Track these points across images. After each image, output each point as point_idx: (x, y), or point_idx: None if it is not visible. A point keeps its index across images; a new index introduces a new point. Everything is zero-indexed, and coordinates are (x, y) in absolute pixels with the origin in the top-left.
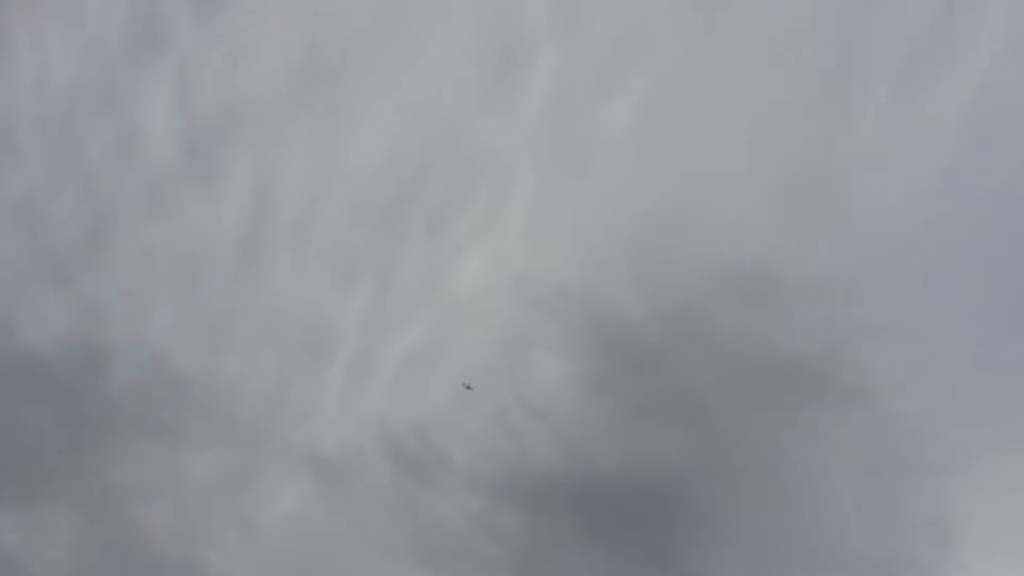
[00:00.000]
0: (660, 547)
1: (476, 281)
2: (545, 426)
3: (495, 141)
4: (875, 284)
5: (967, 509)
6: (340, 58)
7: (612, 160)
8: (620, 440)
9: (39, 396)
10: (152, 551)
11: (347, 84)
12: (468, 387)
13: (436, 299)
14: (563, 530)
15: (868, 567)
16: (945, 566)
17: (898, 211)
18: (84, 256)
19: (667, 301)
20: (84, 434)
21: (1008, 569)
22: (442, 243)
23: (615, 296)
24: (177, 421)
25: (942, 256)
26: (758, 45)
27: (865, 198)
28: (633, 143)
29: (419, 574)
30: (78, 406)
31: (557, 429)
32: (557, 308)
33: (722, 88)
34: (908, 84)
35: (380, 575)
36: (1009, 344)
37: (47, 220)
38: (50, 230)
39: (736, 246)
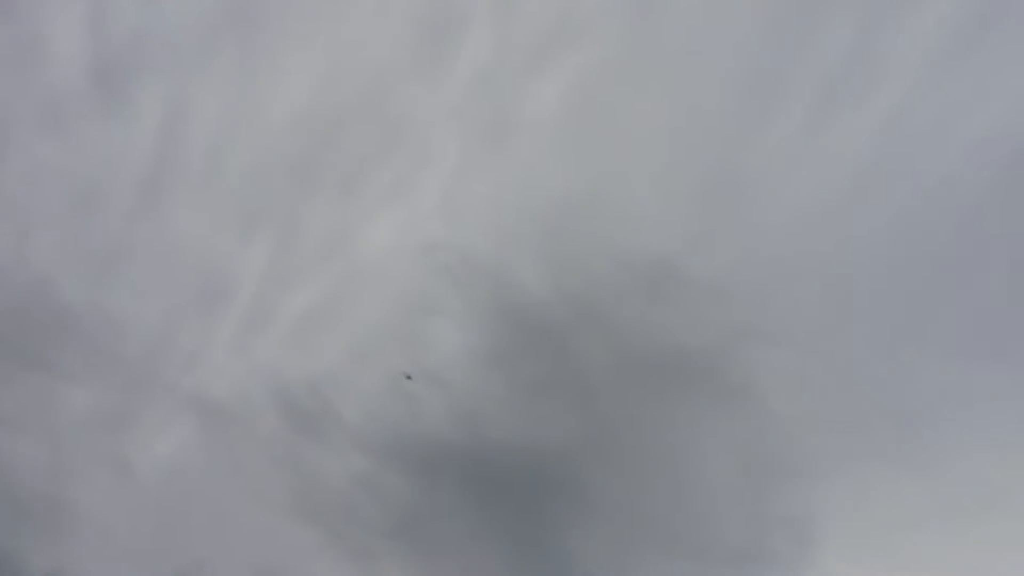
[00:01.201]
0: (538, 521)
1: (383, 245)
2: (439, 394)
3: (418, 107)
4: (767, 292)
5: (825, 511)
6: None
7: (534, 141)
8: (511, 414)
9: None
10: (17, 486)
11: (272, 28)
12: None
13: (341, 258)
14: (445, 498)
15: (731, 557)
16: (801, 562)
17: (798, 227)
18: None
19: (572, 285)
20: None
21: (857, 568)
22: (352, 203)
23: (522, 274)
24: (55, 352)
25: (832, 275)
26: (688, 48)
27: (769, 211)
28: (557, 127)
29: (296, 527)
30: None
31: (450, 398)
32: (463, 280)
33: (649, 84)
34: (823, 108)
35: (257, 525)
36: (877, 364)
37: None
38: None
39: (644, 239)
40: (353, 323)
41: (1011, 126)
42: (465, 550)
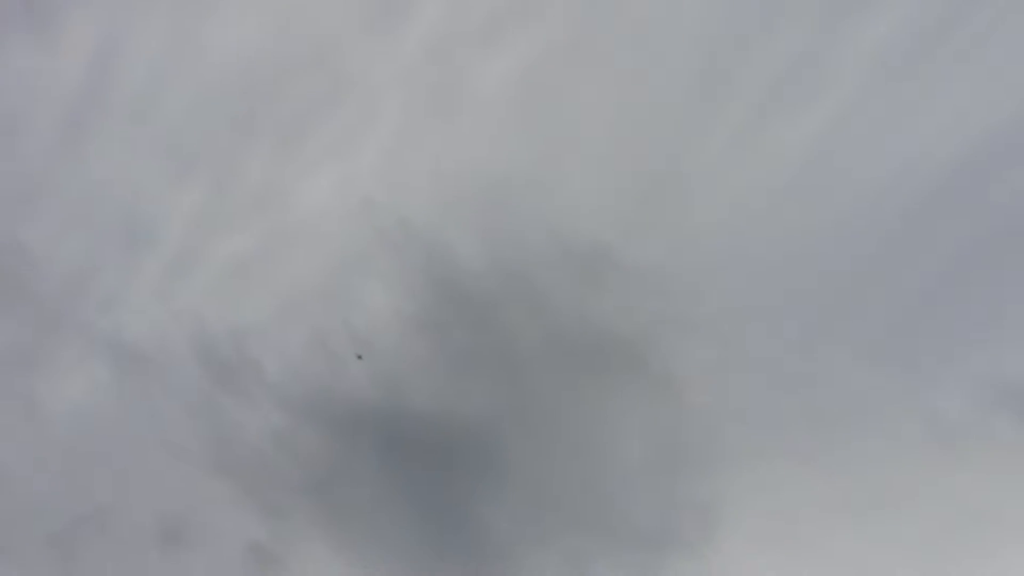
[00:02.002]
0: (454, 489)
1: (320, 201)
2: (364, 355)
3: (367, 67)
4: (697, 285)
5: (732, 500)
6: None
7: (480, 115)
8: (435, 382)
9: None
10: None
11: None
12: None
13: (274, 211)
14: (363, 460)
15: (639, 538)
16: (706, 547)
17: (733, 224)
18: None
19: (507, 261)
20: None
21: (759, 556)
22: (291, 156)
23: (458, 245)
24: None
25: (760, 274)
26: (640, 39)
27: (706, 206)
28: (504, 103)
29: (209, 480)
30: None
31: (376, 361)
32: (398, 244)
33: (599, 71)
34: (767, 109)
35: (167, 474)
36: (794, 363)
37: None
38: None
39: (582, 222)
40: (282, 278)
41: (945, 143)
42: (379, 513)
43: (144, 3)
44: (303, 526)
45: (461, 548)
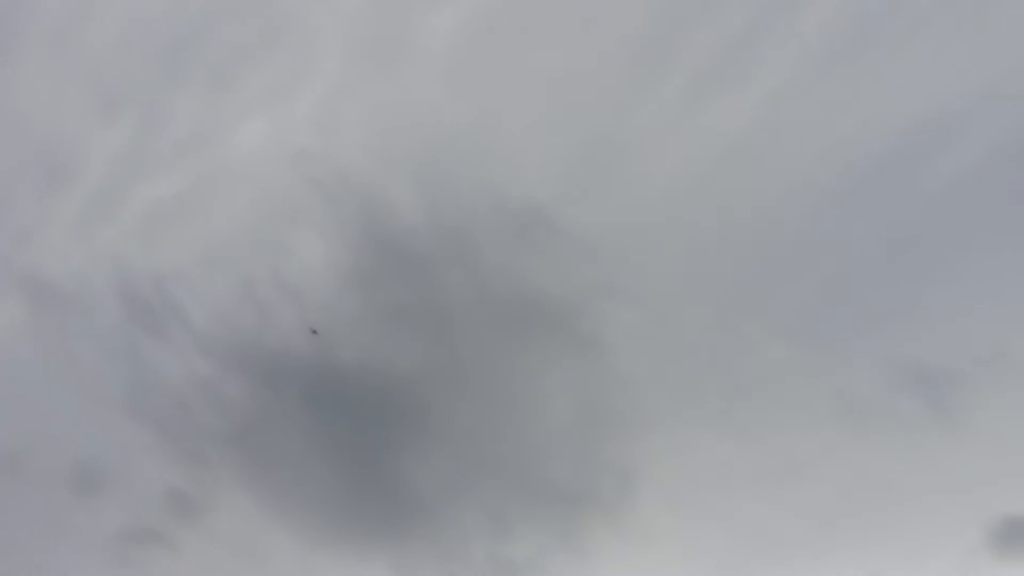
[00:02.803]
0: (380, 443)
1: (251, 148)
2: (294, 306)
3: (306, 11)
4: (629, 253)
5: (650, 464)
6: None
7: (422, 69)
8: (365, 336)
9: None
10: None
11: None
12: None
13: (205, 155)
14: (290, 411)
15: (558, 496)
16: (622, 507)
17: (666, 195)
18: None
19: (444, 218)
20: None
21: (672, 519)
22: (222, 98)
23: (395, 199)
24: None
25: (689, 246)
26: (586, 3)
27: (642, 176)
28: (447, 57)
29: (127, 425)
30: None
31: (306, 312)
32: (334, 195)
33: (544, 34)
34: (704, 87)
35: (84, 418)
36: (716, 335)
37: None
38: None
39: (520, 184)
40: (210, 224)
41: (874, 130)
42: (304, 464)
43: None
44: (225, 475)
45: (385, 501)
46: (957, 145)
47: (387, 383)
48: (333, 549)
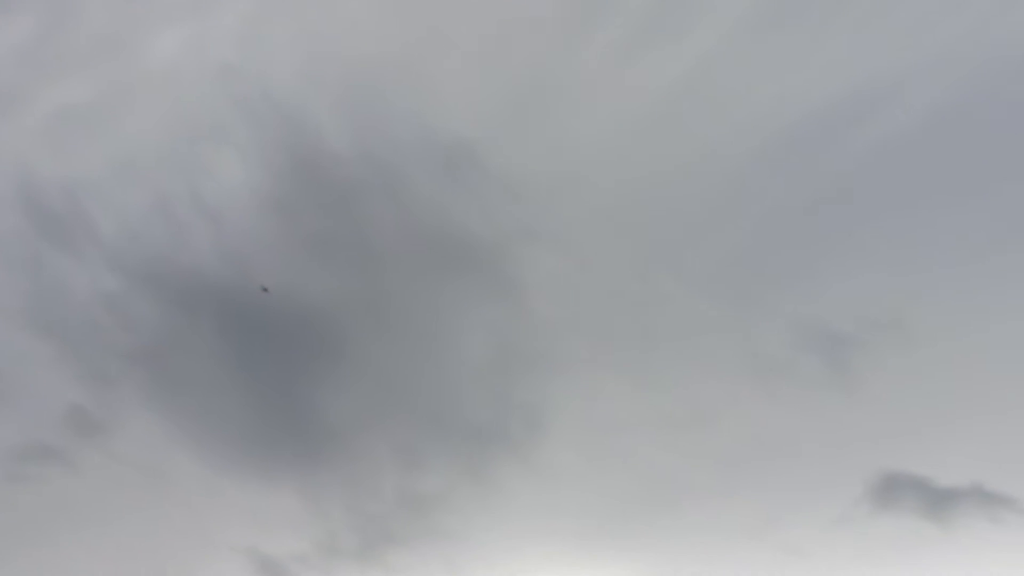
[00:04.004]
0: (293, 372)
1: (170, 58)
2: (211, 227)
3: None
4: (554, 199)
5: (558, 405)
6: None
7: None
8: (284, 263)
9: None
10: None
11: None
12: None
13: (117, 60)
14: (201, 334)
15: (469, 432)
16: (528, 444)
17: (595, 145)
18: None
19: (371, 147)
20: None
21: (576, 459)
22: (140, 4)
23: (321, 125)
24: None
25: (613, 196)
26: None
27: (573, 123)
28: None
29: (29, 338)
30: None
31: (223, 234)
32: (258, 115)
33: None
34: (638, 40)
35: None
36: (633, 284)
37: None
38: None
39: (451, 119)
40: (124, 134)
41: (797, 99)
42: (214, 388)
43: None
44: (130, 394)
45: (295, 429)
46: (877, 117)
47: (304, 312)
48: (239, 475)
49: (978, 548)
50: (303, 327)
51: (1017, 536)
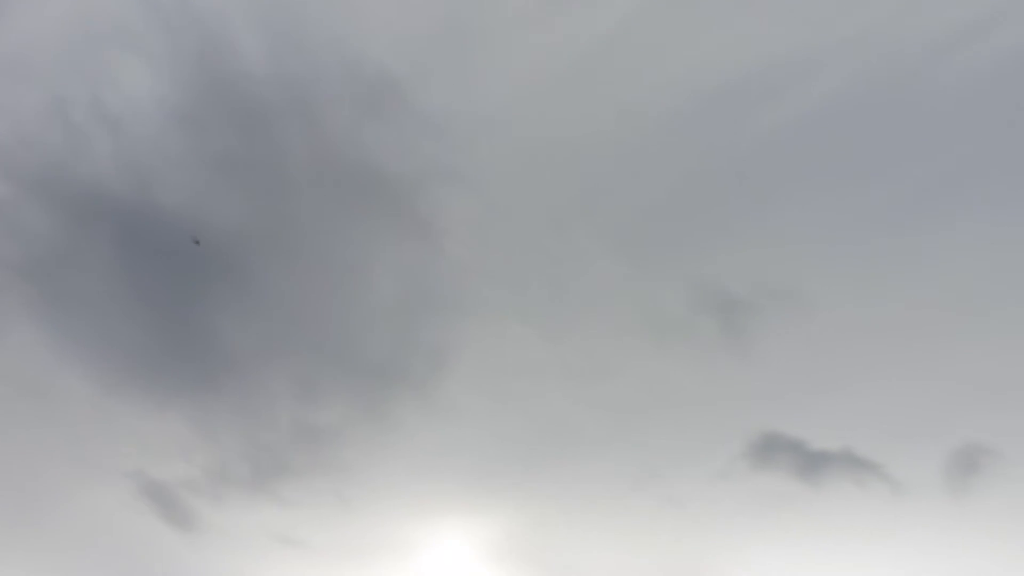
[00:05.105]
0: (191, 295)
1: None
2: (111, 137)
3: None
4: (475, 140)
5: (461, 348)
6: None
7: None
8: (189, 182)
9: None
10: None
11: None
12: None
13: None
14: (96, 250)
15: (371, 370)
16: (429, 384)
17: (517, 91)
18: None
19: (290, 70)
20: None
21: (474, 401)
22: None
23: (238, 39)
24: None
25: (535, 144)
26: None
27: (498, 66)
28: None
29: None
30: None
31: (124, 145)
32: (169, 21)
33: None
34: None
35: None
36: (548, 234)
37: None
38: None
39: (375, 49)
40: (15, 29)
41: (720, 65)
42: (105, 307)
43: None
44: (15, 308)
45: (191, 355)
46: (788, 93)
47: (207, 234)
48: (128, 396)
49: (844, 509)
50: (206, 250)
51: (880, 500)
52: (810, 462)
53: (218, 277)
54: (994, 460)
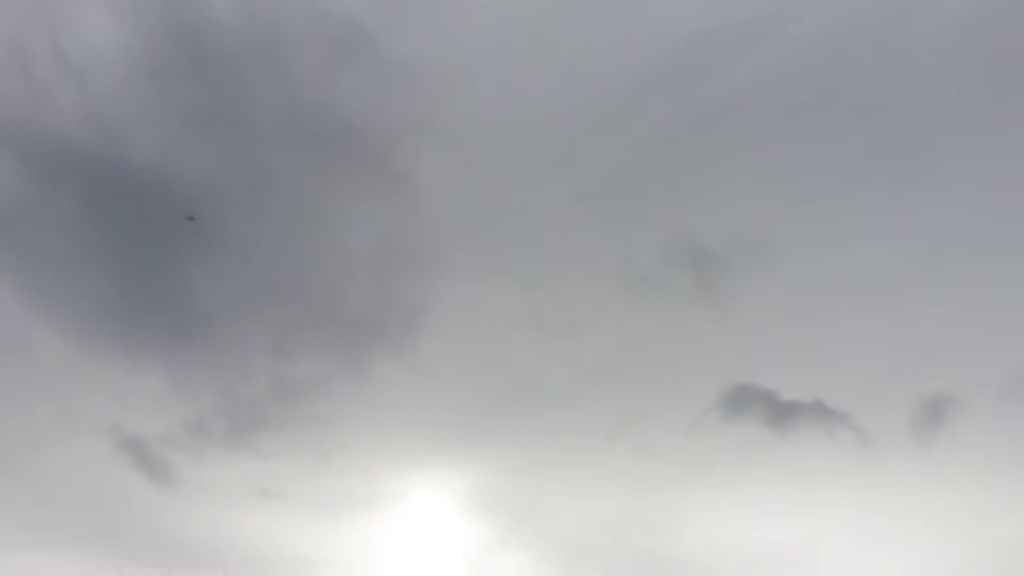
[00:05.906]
0: (165, 250)
1: None
2: (77, 89)
3: None
4: (450, 91)
5: (440, 307)
6: None
7: None
8: (159, 136)
9: None
10: None
11: None
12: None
13: None
14: (64, 203)
15: (347, 326)
16: (403, 342)
17: (493, 43)
18: None
19: (260, 22)
20: None
21: (447, 362)
22: None
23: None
24: None
25: (509, 95)
26: None
27: (472, 17)
28: None
29: None
30: None
31: (90, 98)
32: None
33: None
34: None
35: None
36: (523, 192)
37: None
38: None
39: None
40: None
41: (691, 21)
42: (77, 262)
43: None
44: None
45: (166, 310)
46: (758, 46)
47: (179, 188)
48: (103, 352)
49: (813, 458)
50: (178, 204)
51: (848, 449)
52: (781, 413)
53: (192, 231)
54: (959, 410)
